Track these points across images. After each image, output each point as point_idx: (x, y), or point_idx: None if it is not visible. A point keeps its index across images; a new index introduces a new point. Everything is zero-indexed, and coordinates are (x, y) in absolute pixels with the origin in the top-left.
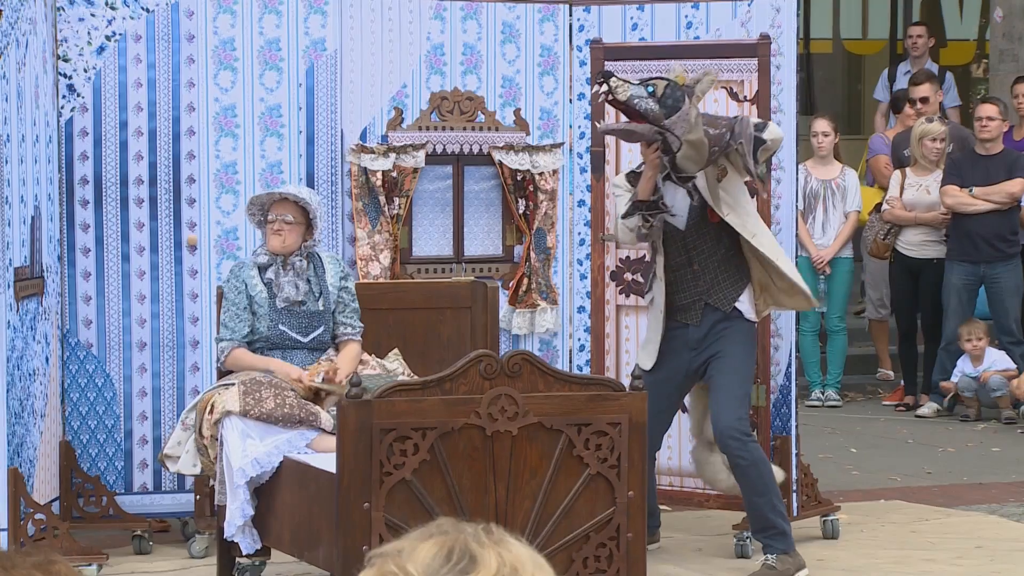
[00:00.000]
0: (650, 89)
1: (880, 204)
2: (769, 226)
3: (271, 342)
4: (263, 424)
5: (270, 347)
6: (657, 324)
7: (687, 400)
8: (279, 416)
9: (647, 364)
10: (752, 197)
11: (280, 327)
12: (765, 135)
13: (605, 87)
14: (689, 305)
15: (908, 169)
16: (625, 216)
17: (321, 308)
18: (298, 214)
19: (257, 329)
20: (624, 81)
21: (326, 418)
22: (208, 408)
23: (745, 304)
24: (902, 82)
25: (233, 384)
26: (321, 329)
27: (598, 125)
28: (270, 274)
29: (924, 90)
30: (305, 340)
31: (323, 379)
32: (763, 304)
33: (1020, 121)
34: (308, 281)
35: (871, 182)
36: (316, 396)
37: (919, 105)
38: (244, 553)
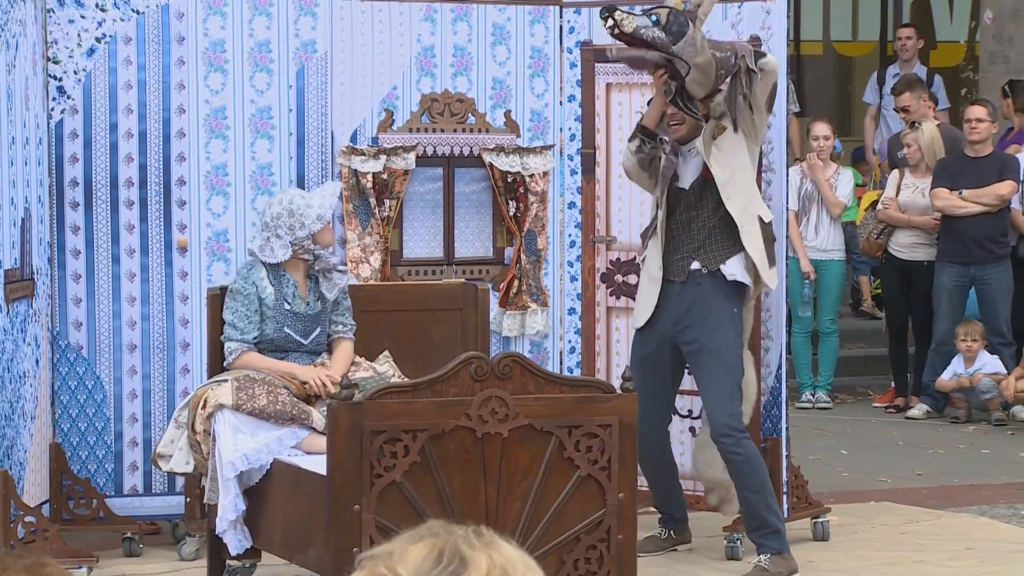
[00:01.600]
0: (654, 18)
1: (875, 203)
2: None
3: (275, 344)
4: (255, 420)
5: (274, 349)
6: (651, 284)
7: (688, 399)
8: (271, 412)
9: (640, 320)
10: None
11: (285, 330)
12: (766, 53)
13: (611, 21)
14: (678, 261)
15: (907, 170)
16: (630, 140)
17: (319, 309)
18: None
19: (264, 332)
20: (628, 13)
21: (318, 418)
22: (201, 403)
23: (734, 267)
24: (891, 84)
25: (226, 380)
26: (319, 330)
27: (609, 54)
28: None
29: (904, 99)
30: (306, 342)
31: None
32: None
33: None
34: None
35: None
36: (308, 396)
37: (902, 114)
38: (232, 553)
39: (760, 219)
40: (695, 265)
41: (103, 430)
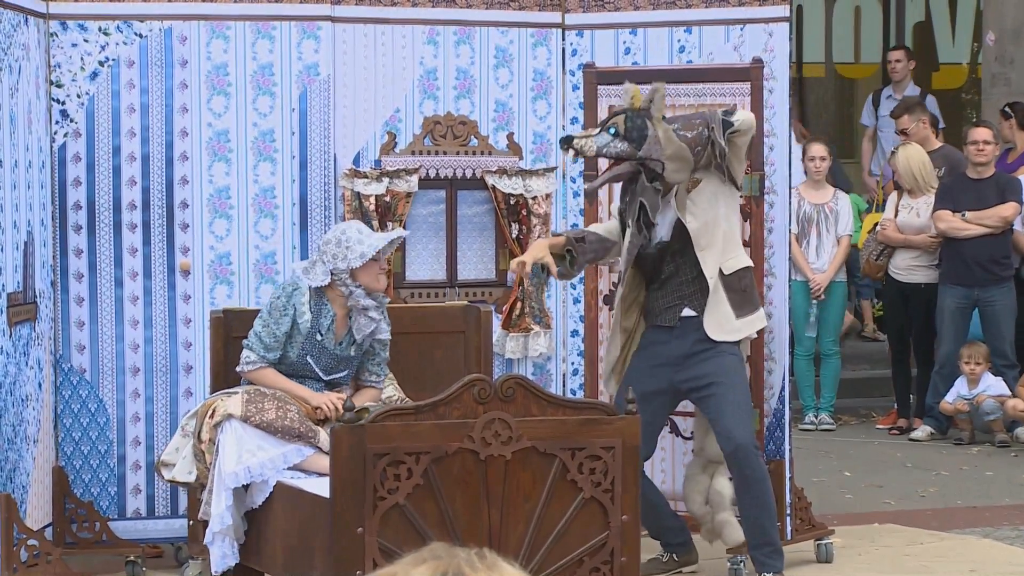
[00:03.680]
0: (612, 130)
1: (877, 225)
2: (762, 249)
3: (294, 369)
4: (261, 434)
5: (290, 374)
6: (615, 349)
7: (685, 420)
8: (279, 427)
9: (612, 389)
10: (744, 219)
11: (307, 359)
12: (733, 118)
13: (571, 151)
14: (668, 308)
15: (904, 191)
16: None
17: (352, 354)
18: None
19: (287, 354)
20: (585, 136)
21: (324, 438)
22: (209, 412)
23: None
24: (885, 106)
25: (237, 392)
26: (344, 372)
27: (586, 187)
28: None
29: (903, 122)
30: (325, 378)
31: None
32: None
33: None
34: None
35: None
36: (318, 419)
37: (902, 137)
38: (214, 570)
39: (721, 271)
40: (688, 312)
41: (106, 453)
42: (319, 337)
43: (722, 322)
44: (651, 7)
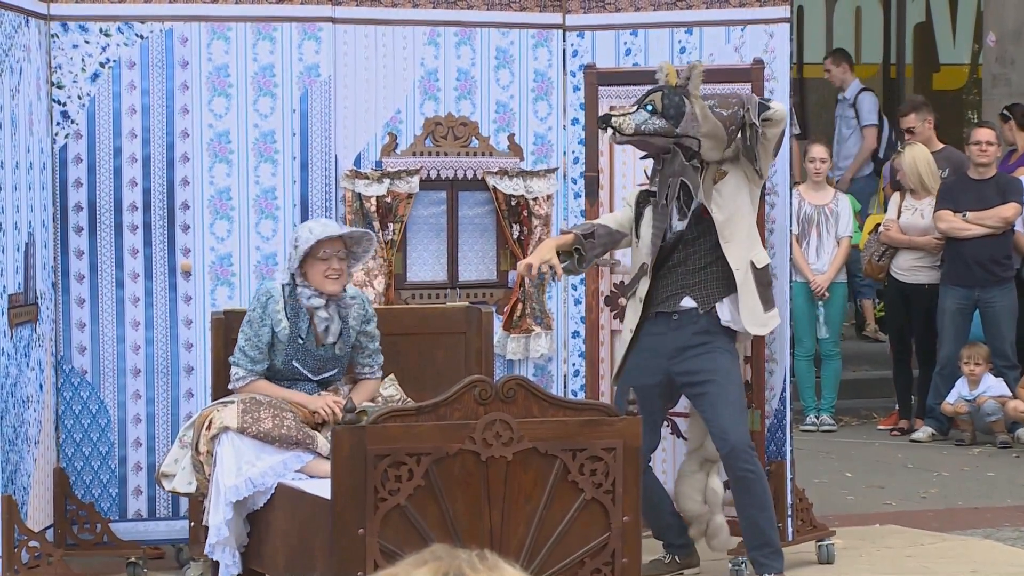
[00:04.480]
0: (650, 107)
1: (879, 226)
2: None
3: (281, 375)
4: (259, 443)
5: (278, 379)
6: (623, 345)
7: (687, 420)
8: (276, 436)
9: (616, 381)
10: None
11: (294, 363)
12: (770, 105)
13: (609, 130)
14: (671, 296)
15: (907, 192)
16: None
17: (338, 352)
18: (343, 248)
19: (272, 362)
20: (623, 114)
21: (323, 442)
22: (206, 424)
23: (728, 310)
24: (839, 108)
25: (233, 402)
26: (334, 371)
27: (612, 140)
28: (315, 304)
29: (909, 121)
30: (315, 378)
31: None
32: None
33: None
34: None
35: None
36: (315, 424)
37: (907, 135)
38: None
39: (752, 264)
40: (688, 303)
41: (107, 455)
42: (300, 341)
43: (752, 314)
44: (652, 8)
